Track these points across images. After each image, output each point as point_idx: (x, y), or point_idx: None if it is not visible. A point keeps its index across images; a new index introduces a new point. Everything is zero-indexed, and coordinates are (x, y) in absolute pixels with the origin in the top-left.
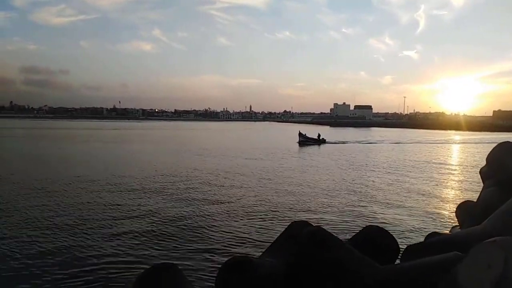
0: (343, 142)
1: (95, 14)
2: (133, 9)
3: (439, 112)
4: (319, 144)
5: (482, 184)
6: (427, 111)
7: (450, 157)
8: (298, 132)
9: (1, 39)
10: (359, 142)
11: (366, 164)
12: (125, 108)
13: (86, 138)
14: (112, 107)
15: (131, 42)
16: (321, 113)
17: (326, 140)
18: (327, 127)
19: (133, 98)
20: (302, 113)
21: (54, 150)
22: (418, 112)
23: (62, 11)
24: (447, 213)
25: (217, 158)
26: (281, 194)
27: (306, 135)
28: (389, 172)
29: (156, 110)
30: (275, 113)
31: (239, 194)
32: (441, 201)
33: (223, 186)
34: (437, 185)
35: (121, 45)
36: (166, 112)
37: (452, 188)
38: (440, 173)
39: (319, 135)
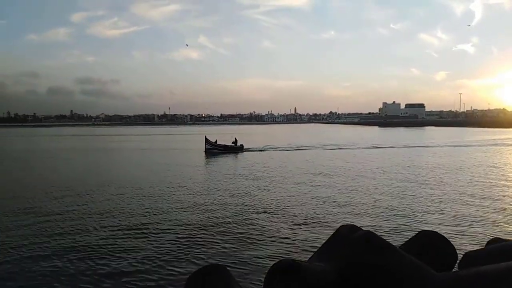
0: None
1: (145, 25)
2: (179, 19)
3: (500, 109)
4: (236, 153)
5: None
6: (486, 108)
7: None
8: (204, 138)
9: (62, 52)
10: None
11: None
12: (174, 114)
13: None
14: (162, 113)
15: (178, 50)
16: (369, 113)
17: (245, 147)
18: (376, 128)
19: (181, 104)
20: (349, 114)
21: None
22: (476, 109)
23: (115, 24)
24: (510, 218)
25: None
26: (315, 199)
27: (217, 141)
28: (442, 176)
29: (203, 115)
30: (320, 114)
31: (277, 198)
32: (503, 205)
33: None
34: (498, 188)
35: (170, 53)
36: (212, 116)
37: None
38: (501, 176)
39: (236, 141)
